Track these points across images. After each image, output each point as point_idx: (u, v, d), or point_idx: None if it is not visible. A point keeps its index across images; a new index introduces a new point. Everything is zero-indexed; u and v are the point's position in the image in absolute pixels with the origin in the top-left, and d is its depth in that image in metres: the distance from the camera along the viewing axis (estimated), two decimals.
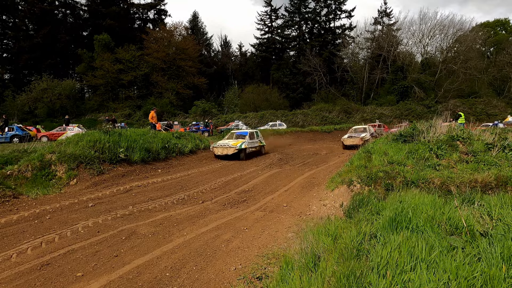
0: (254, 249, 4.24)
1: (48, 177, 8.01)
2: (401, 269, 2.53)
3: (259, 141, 15.26)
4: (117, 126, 20.59)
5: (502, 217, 3.74)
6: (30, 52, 39.27)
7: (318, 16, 46.54)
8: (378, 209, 4.45)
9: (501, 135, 7.88)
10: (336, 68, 41.91)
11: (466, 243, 2.97)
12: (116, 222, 5.46)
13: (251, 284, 3.28)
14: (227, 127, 27.48)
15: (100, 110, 36.91)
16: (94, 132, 10.80)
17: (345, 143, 16.24)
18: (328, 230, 3.80)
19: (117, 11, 43.53)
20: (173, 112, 36.60)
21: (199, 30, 53.18)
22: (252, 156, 14.25)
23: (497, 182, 5.60)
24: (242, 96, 41.27)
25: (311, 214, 5.71)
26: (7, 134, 17.60)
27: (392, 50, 39.30)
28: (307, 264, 2.98)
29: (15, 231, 5.07)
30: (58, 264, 3.91)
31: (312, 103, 40.06)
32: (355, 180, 6.42)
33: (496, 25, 46.62)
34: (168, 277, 3.53)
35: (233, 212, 6.04)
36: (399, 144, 8.48)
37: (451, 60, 38.48)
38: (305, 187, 8.11)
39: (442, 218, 3.63)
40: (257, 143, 14.82)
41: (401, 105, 36.04)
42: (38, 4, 39.85)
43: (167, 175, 9.74)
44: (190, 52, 40.67)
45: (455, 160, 6.99)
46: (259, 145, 15.11)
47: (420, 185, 5.82)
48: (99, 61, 37.19)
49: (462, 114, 16.69)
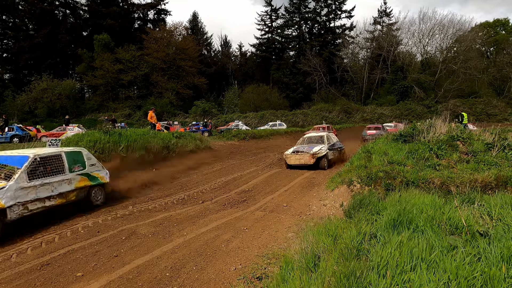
0: (254, 249, 4.24)
1: None
2: (401, 269, 2.53)
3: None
4: (117, 126, 20.57)
5: (502, 217, 3.74)
6: (30, 52, 39.25)
7: (318, 16, 46.54)
8: (378, 209, 4.45)
9: (501, 135, 7.89)
10: (336, 68, 41.91)
11: (466, 243, 2.98)
12: (116, 222, 5.46)
13: (251, 284, 3.28)
14: (227, 127, 27.47)
15: (100, 110, 36.90)
16: (94, 132, 10.81)
17: (289, 161, 10.52)
18: (328, 230, 3.80)
19: (117, 11, 43.49)
20: (173, 112, 36.59)
21: (199, 30, 53.17)
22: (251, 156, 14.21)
23: (497, 182, 5.61)
24: (242, 96, 41.28)
25: (311, 214, 5.71)
26: (7, 134, 17.59)
27: (392, 50, 39.30)
28: (307, 264, 2.98)
29: (15, 231, 5.07)
30: (58, 264, 3.91)
31: (312, 103, 40.07)
32: (355, 180, 6.43)
33: (496, 25, 46.58)
34: (168, 277, 3.53)
35: (233, 212, 6.04)
36: (399, 144, 8.49)
37: (451, 60, 38.49)
38: (305, 187, 8.11)
39: (442, 218, 3.63)
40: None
41: (401, 105, 36.05)
42: (38, 4, 39.82)
43: (167, 175, 9.74)
44: (190, 52, 40.66)
45: (455, 160, 6.99)
46: None
47: (420, 185, 5.82)
48: (99, 61, 37.18)
49: (465, 114, 16.63)
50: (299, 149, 10.62)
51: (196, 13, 54.32)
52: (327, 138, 11.26)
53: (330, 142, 11.20)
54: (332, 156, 10.96)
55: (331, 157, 10.83)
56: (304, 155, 10.19)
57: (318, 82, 41.89)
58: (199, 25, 53.97)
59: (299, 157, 10.28)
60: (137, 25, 48.39)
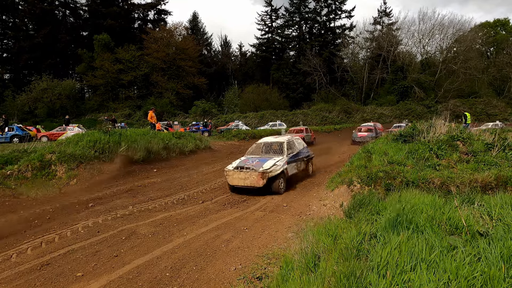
0: (254, 249, 4.24)
1: (48, 177, 8.02)
2: (401, 269, 2.53)
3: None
4: (117, 126, 20.59)
5: (502, 217, 3.73)
6: (30, 52, 39.25)
7: (318, 16, 46.52)
8: (378, 209, 4.46)
9: (501, 135, 7.88)
10: (336, 68, 41.91)
11: (466, 243, 2.98)
12: (116, 222, 5.46)
13: (251, 284, 3.28)
14: (227, 127, 27.47)
15: (100, 110, 36.91)
16: (94, 132, 10.81)
17: (231, 181, 7.48)
18: (328, 230, 3.80)
19: (117, 11, 43.50)
20: (173, 112, 36.60)
21: (199, 30, 53.16)
22: None
23: (497, 182, 5.60)
24: (242, 96, 41.28)
25: (311, 214, 5.71)
26: (7, 134, 17.60)
27: (392, 50, 39.30)
28: (307, 264, 2.98)
29: (15, 231, 5.07)
30: (58, 264, 3.91)
31: (312, 103, 40.06)
32: (355, 180, 6.42)
33: (496, 25, 46.56)
34: (168, 277, 3.53)
35: (233, 212, 6.05)
36: (399, 144, 8.48)
37: (451, 60, 38.48)
38: (305, 187, 8.11)
39: (442, 218, 3.63)
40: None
41: (401, 105, 36.06)
42: (38, 4, 39.82)
43: (167, 175, 9.75)
44: (190, 52, 40.66)
45: (455, 160, 6.99)
46: None
47: (420, 185, 5.82)
48: (99, 61, 37.19)
49: (468, 114, 16.53)
50: (245, 163, 7.43)
51: (196, 13, 54.36)
52: (288, 146, 8.33)
53: (293, 151, 8.48)
54: (295, 169, 8.39)
55: (294, 171, 8.30)
56: (251, 174, 7.10)
57: (318, 82, 41.89)
58: (199, 25, 53.97)
59: (243, 176, 7.17)
60: (137, 25, 48.44)
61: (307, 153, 9.54)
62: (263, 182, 7.09)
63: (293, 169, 8.25)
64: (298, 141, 9.34)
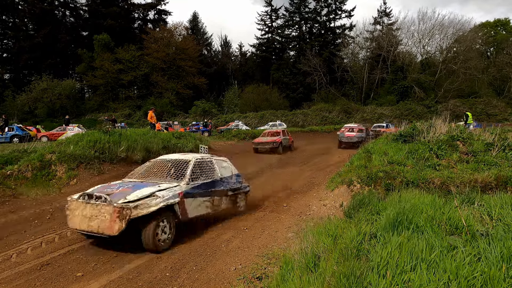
0: (254, 249, 4.24)
1: (48, 177, 8.01)
2: (401, 269, 2.53)
3: None
4: (117, 126, 20.58)
5: (502, 217, 3.74)
6: (30, 52, 39.23)
7: (318, 16, 46.49)
8: (378, 209, 4.46)
9: (501, 135, 7.89)
10: (336, 68, 41.87)
11: (466, 243, 2.98)
12: None
13: (251, 284, 3.28)
14: (227, 127, 27.47)
15: (100, 110, 36.89)
16: (94, 132, 10.80)
17: (71, 222, 4.32)
18: (328, 230, 3.80)
19: (117, 11, 43.47)
20: (173, 112, 36.58)
21: (199, 30, 53.13)
22: (252, 157, 14.20)
23: (497, 182, 5.61)
24: (242, 96, 41.25)
25: (311, 214, 5.71)
26: (7, 134, 17.59)
27: (392, 50, 39.27)
28: (307, 264, 2.98)
29: (15, 231, 5.07)
30: (58, 264, 3.91)
31: (312, 103, 40.02)
32: (355, 180, 6.43)
33: (496, 25, 46.55)
34: (168, 277, 3.53)
35: None
36: (399, 144, 8.49)
37: (451, 60, 38.44)
38: (305, 187, 8.11)
39: (442, 218, 3.63)
40: None
41: (401, 105, 36.02)
42: (38, 4, 39.81)
43: None
44: (190, 52, 40.64)
45: (455, 160, 7.00)
46: None
47: (420, 185, 5.82)
48: (99, 61, 37.17)
49: (470, 114, 16.48)
50: (100, 190, 4.51)
51: (196, 13, 54.28)
52: (196, 167, 5.24)
53: (206, 178, 5.33)
54: (206, 208, 5.20)
55: (203, 211, 5.13)
56: (100, 210, 4.07)
57: (318, 82, 41.86)
58: (199, 25, 53.94)
59: (89, 212, 4.13)
60: (137, 25, 48.41)
61: (236, 183, 6.17)
62: (120, 227, 3.89)
63: (200, 207, 5.03)
64: (223, 164, 6.15)
